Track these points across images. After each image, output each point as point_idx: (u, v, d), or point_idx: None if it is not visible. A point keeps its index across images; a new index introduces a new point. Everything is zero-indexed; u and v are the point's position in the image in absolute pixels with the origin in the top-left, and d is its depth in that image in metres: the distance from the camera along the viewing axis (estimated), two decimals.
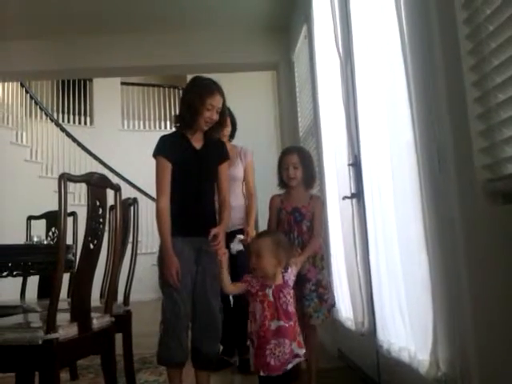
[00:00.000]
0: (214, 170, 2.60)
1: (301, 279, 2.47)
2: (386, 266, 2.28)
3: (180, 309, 2.41)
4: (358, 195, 2.68)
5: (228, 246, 3.23)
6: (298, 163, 2.69)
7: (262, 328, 2.07)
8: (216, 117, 2.52)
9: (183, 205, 2.49)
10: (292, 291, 2.16)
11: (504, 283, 1.42)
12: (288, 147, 3.12)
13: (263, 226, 3.04)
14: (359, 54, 2.57)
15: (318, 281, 2.61)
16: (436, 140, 1.74)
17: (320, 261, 2.66)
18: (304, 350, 2.12)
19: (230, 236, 3.05)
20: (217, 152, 2.63)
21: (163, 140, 2.58)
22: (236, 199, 3.39)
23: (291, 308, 2.13)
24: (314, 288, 2.59)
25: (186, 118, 2.52)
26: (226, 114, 2.62)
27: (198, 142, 2.58)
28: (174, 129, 2.71)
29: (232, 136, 3.60)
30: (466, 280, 1.62)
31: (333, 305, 2.71)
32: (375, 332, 2.47)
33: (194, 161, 2.54)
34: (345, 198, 2.79)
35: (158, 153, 2.52)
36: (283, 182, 2.75)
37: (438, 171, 1.74)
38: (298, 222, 2.65)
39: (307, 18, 3.71)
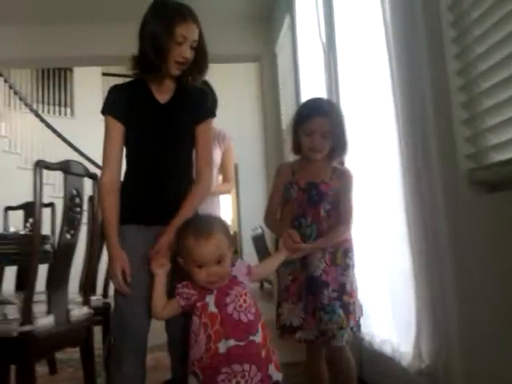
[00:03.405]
0: (188, 132, 1.86)
1: (315, 283, 1.82)
2: (368, 258, 2.27)
3: (128, 325, 1.72)
4: None
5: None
6: (330, 131, 1.87)
7: (206, 354, 1.47)
8: (190, 54, 1.79)
9: (141, 182, 1.83)
10: (247, 289, 1.57)
11: (488, 274, 1.41)
12: (317, 100, 2.08)
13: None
14: (342, 43, 2.55)
15: (341, 285, 1.83)
16: (419, 129, 1.73)
17: (343, 257, 1.87)
18: (281, 375, 1.53)
19: None
20: (193, 106, 1.87)
21: (113, 92, 1.89)
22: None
23: (250, 315, 1.51)
24: (335, 295, 1.79)
25: (148, 58, 1.78)
26: (206, 51, 1.86)
27: (163, 94, 1.86)
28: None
29: None
30: (450, 271, 1.61)
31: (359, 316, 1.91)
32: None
33: (154, 121, 1.83)
34: None
35: (103, 110, 1.87)
36: (299, 150, 1.94)
37: (421, 161, 1.72)
38: (314, 203, 1.88)
39: (290, 9, 3.68)
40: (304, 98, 3.44)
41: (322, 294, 1.79)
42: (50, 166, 1.98)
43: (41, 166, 1.90)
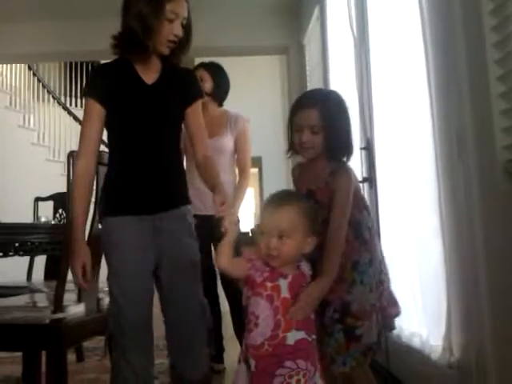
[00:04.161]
0: (178, 114, 1.78)
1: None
2: (398, 251, 2.24)
3: (126, 322, 1.65)
4: (369, 180, 2.63)
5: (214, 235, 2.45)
6: (320, 124, 1.62)
7: (272, 341, 1.34)
8: (181, 32, 1.69)
9: (126, 169, 1.72)
10: None
11: None
12: (308, 91, 1.97)
13: None
14: (374, 33, 2.51)
15: (346, 305, 1.55)
16: (455, 121, 1.69)
17: (351, 271, 1.58)
18: None
19: (208, 221, 2.36)
20: (182, 86, 1.78)
21: (96, 73, 1.77)
22: (224, 174, 2.58)
23: (313, 315, 1.44)
24: (337, 317, 1.55)
25: (135, 37, 1.65)
26: (191, 29, 1.76)
27: (150, 74, 1.74)
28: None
29: (221, 99, 3.00)
30: (483, 264, 1.57)
31: (390, 328, 1.69)
32: None
33: (142, 103, 1.71)
34: None
35: (85, 92, 1.74)
36: (294, 149, 1.72)
37: (456, 153, 1.69)
38: None
39: (320, 0, 3.64)
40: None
41: (322, 314, 1.56)
42: None
43: (73, 157, 1.91)
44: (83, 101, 1.81)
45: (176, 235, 1.73)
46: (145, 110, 1.72)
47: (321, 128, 1.62)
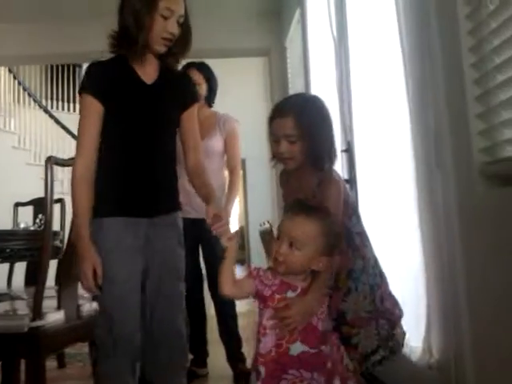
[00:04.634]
0: (175, 117, 1.76)
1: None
2: (379, 252, 2.25)
3: (120, 332, 1.59)
4: (350, 181, 2.64)
5: (202, 239, 2.69)
6: (296, 134, 1.55)
7: (277, 350, 1.36)
8: (177, 30, 1.66)
9: (125, 169, 1.67)
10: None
11: (500, 269, 1.39)
12: (283, 99, 1.76)
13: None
14: (354, 38, 2.52)
15: (341, 313, 1.56)
16: (432, 123, 1.71)
17: (346, 280, 1.58)
18: None
19: (197, 224, 2.52)
20: (180, 89, 1.77)
21: (93, 69, 1.69)
22: (214, 178, 2.68)
23: (326, 324, 1.41)
24: (333, 326, 1.52)
25: (130, 34, 1.63)
26: (190, 29, 1.74)
27: (149, 74, 1.71)
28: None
29: (211, 100, 2.98)
30: (461, 265, 1.58)
31: (395, 345, 1.65)
32: None
33: (142, 102, 1.68)
34: None
35: (82, 88, 1.68)
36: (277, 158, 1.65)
37: (434, 155, 1.70)
38: None
39: (300, 3, 3.65)
40: (313, 92, 3.42)
41: None
42: (61, 162, 1.97)
43: (52, 161, 1.90)
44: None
45: (167, 246, 1.71)
46: (144, 110, 1.69)
47: (299, 137, 1.55)
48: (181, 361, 1.76)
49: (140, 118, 1.68)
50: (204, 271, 2.93)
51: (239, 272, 1.46)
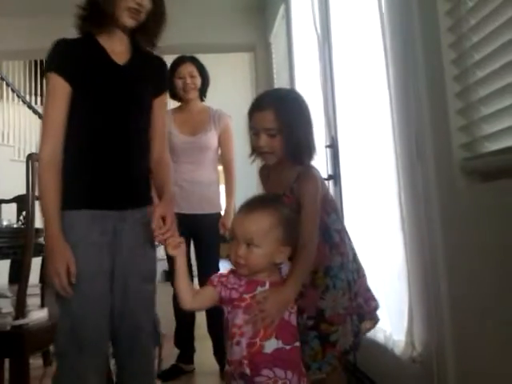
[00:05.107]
0: (148, 102, 1.64)
1: None
2: (361, 248, 2.27)
3: (87, 338, 1.45)
4: (334, 177, 2.66)
5: (194, 234, 2.65)
6: (276, 127, 1.54)
7: (249, 350, 1.29)
8: (147, 2, 1.55)
9: (93, 156, 1.53)
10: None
11: (481, 262, 1.41)
12: (261, 95, 1.73)
13: None
14: (337, 33, 2.53)
15: (319, 311, 1.55)
16: (413, 119, 1.72)
17: (324, 277, 1.57)
18: None
19: (190, 219, 2.65)
20: (153, 74, 1.65)
21: (61, 46, 1.56)
22: (207, 174, 2.83)
23: (294, 320, 1.37)
24: (311, 324, 1.54)
25: (95, 7, 1.53)
26: (163, 4, 1.62)
27: (120, 54, 1.59)
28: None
29: (204, 93, 2.97)
30: (443, 260, 1.60)
31: (375, 320, 1.69)
32: None
33: (112, 83, 1.56)
34: None
35: (48, 67, 1.54)
36: (256, 152, 1.64)
37: (415, 151, 1.72)
38: None
39: None
40: (298, 88, 3.42)
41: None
42: None
43: (33, 159, 1.88)
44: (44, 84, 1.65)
45: (136, 244, 1.56)
46: (115, 91, 1.56)
47: (278, 131, 1.54)
48: (148, 374, 1.62)
49: (109, 99, 1.56)
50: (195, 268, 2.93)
51: (228, 267, 1.41)
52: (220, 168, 3.00)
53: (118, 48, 1.59)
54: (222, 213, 2.91)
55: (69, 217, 1.49)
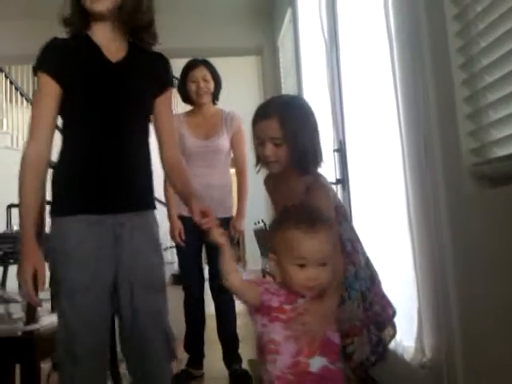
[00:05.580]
0: (147, 101, 1.57)
1: None
2: (370, 254, 2.26)
3: (81, 350, 1.39)
4: (342, 181, 2.65)
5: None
6: (281, 136, 1.51)
7: (293, 369, 1.19)
8: None
9: (92, 161, 1.47)
10: None
11: (490, 268, 1.40)
12: (265, 102, 1.69)
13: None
14: (345, 37, 2.53)
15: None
16: (422, 123, 1.72)
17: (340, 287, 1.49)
18: None
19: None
20: (152, 71, 1.58)
21: (51, 46, 1.52)
22: (220, 177, 2.81)
23: (336, 338, 1.27)
24: None
25: (74, 3, 1.50)
26: None
27: (114, 52, 1.53)
28: None
29: (216, 97, 2.96)
30: (452, 266, 1.60)
31: (380, 353, 1.61)
32: None
33: (104, 82, 1.49)
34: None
35: (38, 66, 1.49)
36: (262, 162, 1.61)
37: (423, 156, 1.71)
38: None
39: (291, 2, 3.65)
40: (306, 92, 3.42)
41: None
42: (52, 165, 1.96)
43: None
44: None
45: (140, 253, 1.49)
46: (107, 90, 1.49)
47: (284, 139, 1.50)
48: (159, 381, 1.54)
49: (102, 98, 1.49)
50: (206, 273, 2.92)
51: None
52: (232, 170, 2.99)
53: (112, 45, 1.53)
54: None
55: (63, 223, 1.45)
